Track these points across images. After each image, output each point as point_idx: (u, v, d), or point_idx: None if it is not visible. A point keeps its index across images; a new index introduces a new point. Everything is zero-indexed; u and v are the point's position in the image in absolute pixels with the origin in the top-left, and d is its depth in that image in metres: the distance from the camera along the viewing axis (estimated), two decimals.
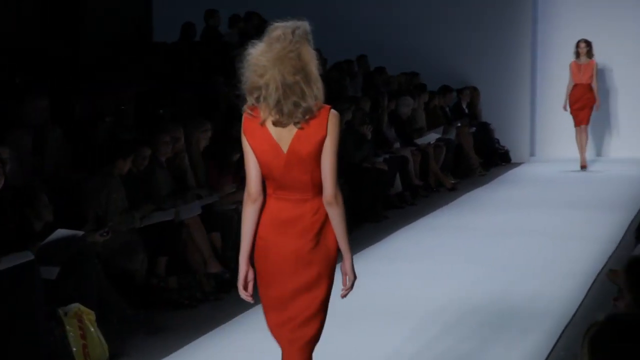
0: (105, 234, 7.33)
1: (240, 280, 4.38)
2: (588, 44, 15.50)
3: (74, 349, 6.23)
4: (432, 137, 14.18)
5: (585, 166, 15.37)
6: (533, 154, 17.21)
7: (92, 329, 6.34)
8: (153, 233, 7.75)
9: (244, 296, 4.39)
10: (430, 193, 13.50)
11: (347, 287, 4.39)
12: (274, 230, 4.31)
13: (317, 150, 4.22)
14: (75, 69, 10.65)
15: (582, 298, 7.82)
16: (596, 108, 15.51)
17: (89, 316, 6.37)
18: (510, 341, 6.77)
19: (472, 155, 15.46)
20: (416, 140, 13.77)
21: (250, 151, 4.27)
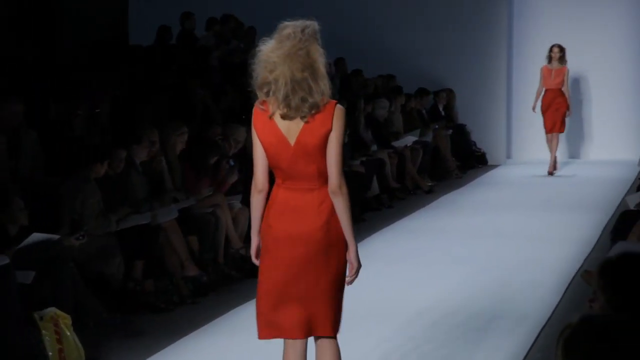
0: (81, 237, 7.30)
1: (253, 251, 4.72)
2: (561, 50, 15.23)
3: (50, 354, 6.20)
4: (409, 139, 14.22)
5: (552, 172, 15.25)
6: (509, 157, 17.27)
7: (68, 333, 6.31)
8: (130, 236, 7.73)
9: (258, 264, 4.71)
10: (407, 195, 13.53)
11: (352, 274, 4.63)
12: (284, 218, 4.54)
13: (323, 143, 4.48)
14: (50, 71, 10.59)
15: (558, 300, 7.85)
16: (569, 113, 15.46)
17: (65, 320, 6.34)
18: (487, 343, 6.78)
19: (449, 158, 15.50)
20: (393, 143, 13.79)
21: (259, 143, 4.52)
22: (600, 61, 16.92)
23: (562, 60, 15.24)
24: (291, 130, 4.47)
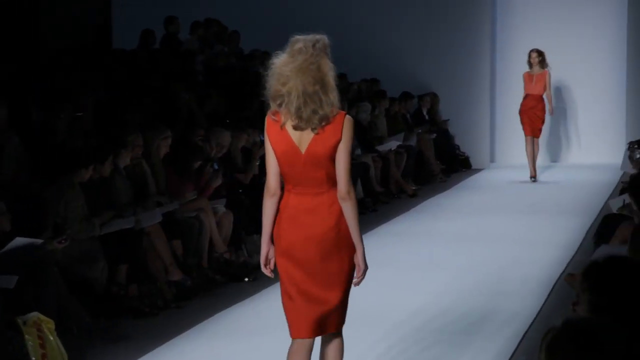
0: (63, 241, 7.26)
1: (262, 259, 4.88)
2: (540, 54, 15.05)
3: (33, 358, 6.17)
4: (393, 143, 14.23)
5: (534, 176, 15.17)
6: (493, 160, 17.30)
7: (52, 338, 6.28)
8: (113, 241, 7.70)
9: (266, 272, 4.89)
10: (392, 199, 13.54)
11: (359, 275, 4.87)
12: (297, 221, 4.77)
13: (332, 152, 4.72)
14: (33, 75, 10.56)
15: (542, 303, 7.87)
16: (550, 112, 15.40)
17: (48, 325, 6.31)
18: (473, 345, 6.79)
19: (433, 162, 15.53)
20: (377, 147, 13.81)
21: (271, 150, 4.77)
22: (584, 64, 16.96)
23: (543, 64, 15.07)
24: (302, 139, 4.72)
